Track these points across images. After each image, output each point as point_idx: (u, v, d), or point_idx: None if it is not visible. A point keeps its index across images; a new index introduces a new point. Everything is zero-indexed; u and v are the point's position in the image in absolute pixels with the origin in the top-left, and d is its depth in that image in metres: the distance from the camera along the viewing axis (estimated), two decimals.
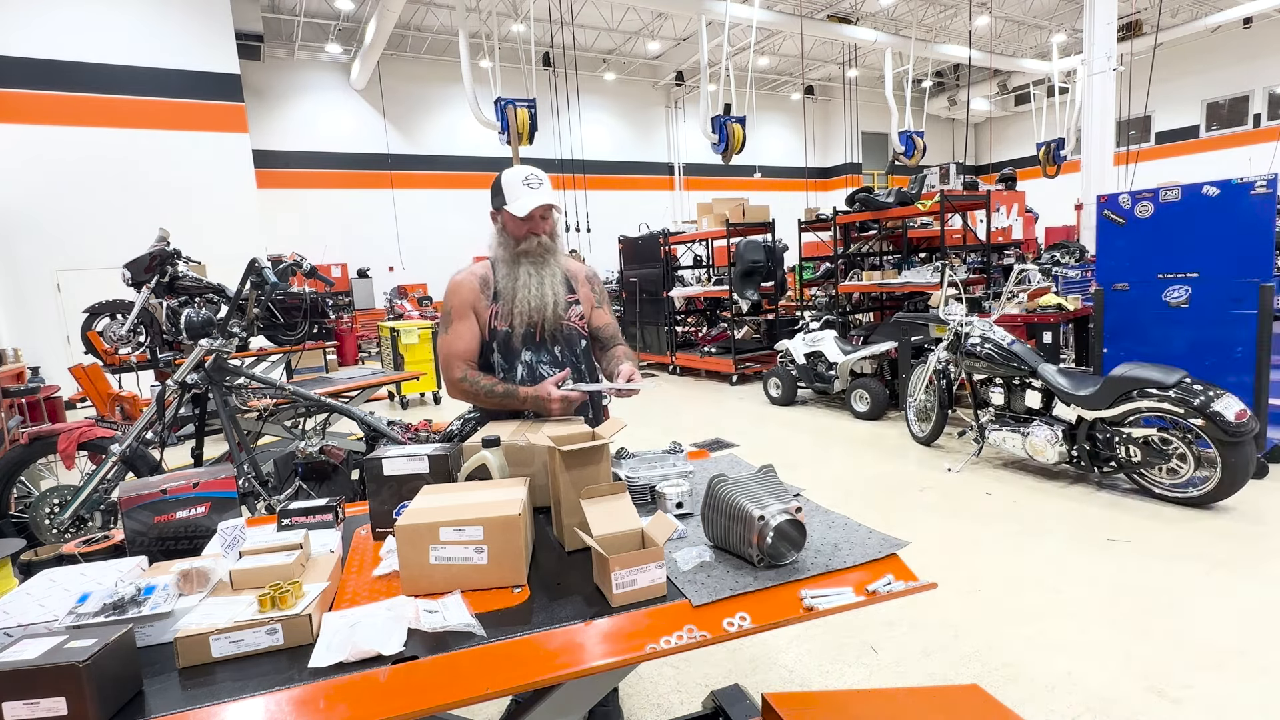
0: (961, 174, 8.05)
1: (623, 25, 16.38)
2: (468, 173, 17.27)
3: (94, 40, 9.97)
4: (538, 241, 2.00)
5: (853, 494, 4.41)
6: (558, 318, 2.02)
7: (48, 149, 9.68)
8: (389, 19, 12.43)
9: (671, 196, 20.12)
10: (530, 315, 1.98)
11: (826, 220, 8.29)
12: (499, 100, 9.86)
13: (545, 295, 1.98)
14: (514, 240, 2.01)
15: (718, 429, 6.32)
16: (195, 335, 3.28)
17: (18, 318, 9.65)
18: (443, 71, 16.52)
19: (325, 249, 14.87)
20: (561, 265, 2.07)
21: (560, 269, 2.06)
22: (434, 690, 0.99)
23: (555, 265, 2.04)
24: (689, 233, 9.88)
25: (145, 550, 1.48)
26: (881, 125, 19.36)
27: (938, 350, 5.12)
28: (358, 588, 1.33)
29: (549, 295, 1.99)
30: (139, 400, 5.89)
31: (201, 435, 3.26)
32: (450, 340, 2.02)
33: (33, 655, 0.96)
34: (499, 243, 2.05)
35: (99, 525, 3.07)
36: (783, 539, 1.27)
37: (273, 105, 15.04)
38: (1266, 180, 3.98)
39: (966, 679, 2.39)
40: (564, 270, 2.09)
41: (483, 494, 1.39)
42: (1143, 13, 15.79)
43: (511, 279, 2.00)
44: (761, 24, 13.07)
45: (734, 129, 11.23)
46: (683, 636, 1.10)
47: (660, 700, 2.38)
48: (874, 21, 16.14)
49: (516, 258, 2.00)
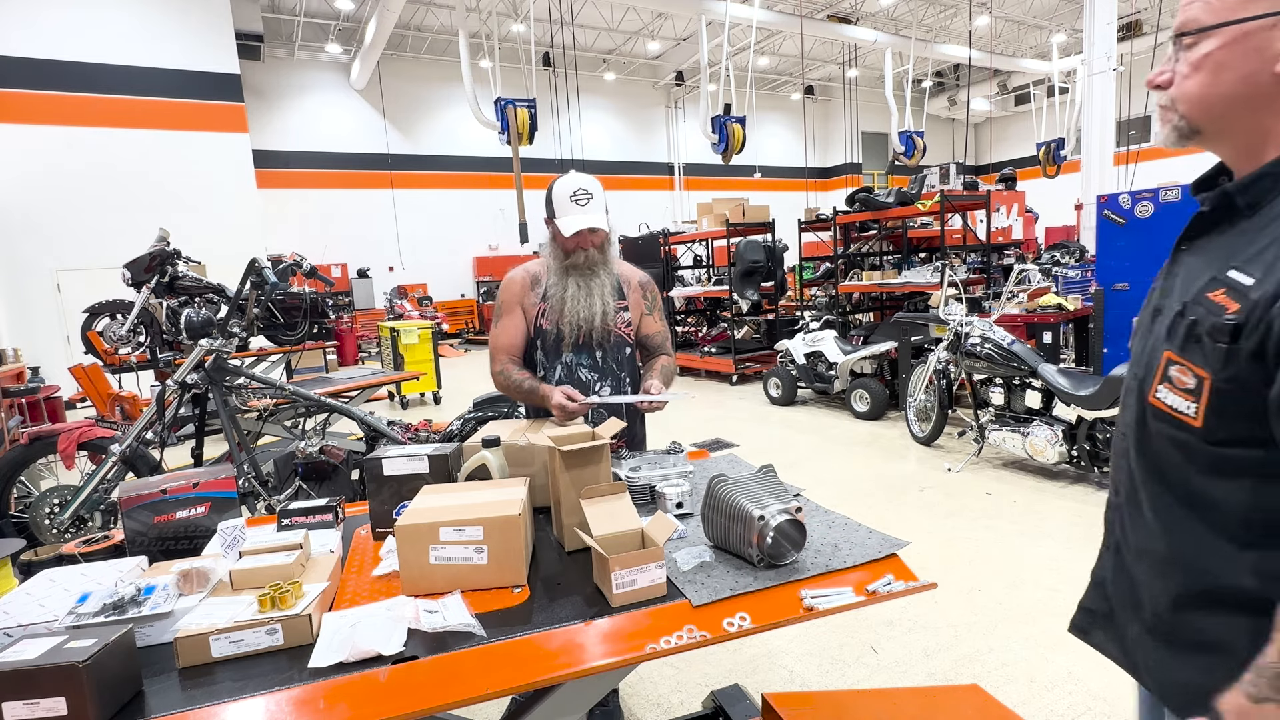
0: (961, 174, 8.05)
1: (623, 25, 16.39)
2: (468, 173, 17.29)
3: (94, 40, 9.97)
4: (585, 256, 2.00)
5: (853, 494, 4.41)
6: (607, 327, 2.02)
7: (48, 149, 9.68)
8: (389, 19, 12.43)
9: (671, 196, 20.13)
10: (578, 325, 1.99)
11: (826, 220, 8.29)
12: (499, 100, 9.86)
13: (594, 307, 1.99)
14: (563, 253, 2.01)
15: (718, 429, 6.32)
16: (195, 335, 3.29)
17: (18, 318, 9.64)
18: (443, 71, 16.53)
19: (325, 249, 14.88)
20: (613, 272, 2.07)
21: (612, 278, 2.05)
22: (434, 690, 0.99)
23: (605, 276, 2.03)
24: (689, 233, 9.88)
25: (145, 550, 1.48)
26: (881, 125, 19.37)
27: (938, 350, 5.13)
28: (358, 588, 1.33)
29: (597, 307, 1.99)
30: (139, 400, 5.89)
31: (201, 435, 3.26)
32: (497, 334, 2.08)
33: (33, 655, 0.96)
34: (550, 252, 2.06)
35: (99, 525, 3.07)
36: (783, 539, 1.27)
37: (273, 105, 15.05)
38: None
39: (966, 679, 2.39)
40: (617, 275, 2.10)
41: (483, 494, 1.39)
42: (1143, 13, 15.79)
43: (560, 289, 2.01)
44: (761, 24, 13.07)
45: (734, 129, 11.23)
46: (683, 636, 1.10)
47: (660, 700, 2.38)
48: (874, 21, 16.15)
49: (565, 270, 2.01)
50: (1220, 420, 0.78)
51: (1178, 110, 0.84)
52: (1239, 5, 0.76)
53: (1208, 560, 0.82)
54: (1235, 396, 0.77)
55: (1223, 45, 0.78)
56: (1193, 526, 0.84)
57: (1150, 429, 0.88)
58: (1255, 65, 0.76)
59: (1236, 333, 0.75)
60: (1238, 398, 0.76)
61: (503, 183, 16.74)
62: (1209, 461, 0.81)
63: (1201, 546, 0.83)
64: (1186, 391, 0.81)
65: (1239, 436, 0.78)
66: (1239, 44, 0.77)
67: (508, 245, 17.29)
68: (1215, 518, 0.81)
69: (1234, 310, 0.76)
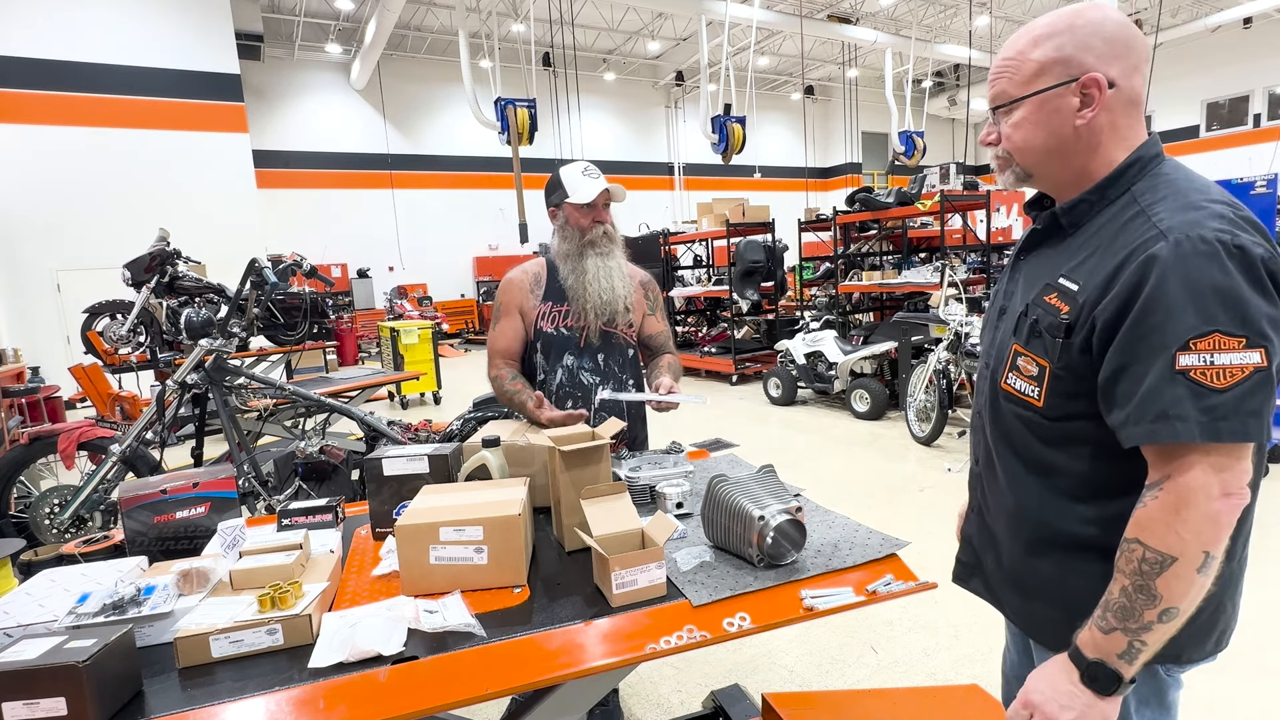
0: (961, 174, 8.04)
1: (623, 25, 16.38)
2: (468, 173, 17.28)
3: (94, 40, 9.96)
4: (604, 230, 1.96)
5: (853, 494, 4.41)
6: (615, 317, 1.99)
7: (48, 149, 9.67)
8: (389, 19, 12.43)
9: (671, 196, 20.13)
10: (602, 308, 1.94)
11: (826, 220, 8.29)
12: (499, 100, 9.86)
13: (616, 288, 1.95)
14: (579, 232, 1.96)
15: (718, 429, 6.32)
16: (195, 335, 3.28)
17: (18, 318, 9.64)
18: (443, 71, 16.52)
19: (325, 249, 14.88)
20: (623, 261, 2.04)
21: (623, 265, 2.02)
22: (434, 690, 0.99)
23: (620, 259, 2.00)
24: (689, 233, 9.87)
25: (145, 550, 1.48)
26: (881, 125, 19.36)
27: (938, 350, 5.12)
28: (358, 588, 1.33)
29: (619, 289, 1.96)
30: (139, 400, 5.89)
31: (201, 435, 3.26)
32: (494, 337, 2.04)
33: (33, 655, 0.96)
34: (562, 238, 2.00)
35: (99, 525, 3.07)
36: (783, 539, 1.27)
37: (273, 105, 15.04)
38: (1266, 180, 3.98)
39: (966, 679, 2.38)
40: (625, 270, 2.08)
41: (483, 494, 1.39)
42: (1143, 13, 15.77)
43: (580, 273, 1.96)
44: (761, 24, 13.06)
45: (734, 129, 11.22)
46: (683, 636, 1.10)
47: (660, 700, 2.38)
48: (874, 21, 16.14)
49: (583, 250, 1.96)
50: (1058, 400, 0.97)
51: (1014, 161, 1.03)
52: (1034, 79, 0.96)
53: (1050, 514, 1.01)
54: (1069, 381, 0.95)
55: (1030, 111, 0.98)
56: (1037, 487, 1.03)
57: (1001, 408, 1.07)
58: (1058, 122, 0.96)
59: (1069, 330, 0.93)
60: (1071, 382, 0.95)
61: (503, 183, 16.73)
62: (1049, 434, 1.00)
63: (1044, 503, 1.02)
64: (1031, 378, 1.00)
65: (1073, 413, 0.96)
66: (1042, 108, 0.97)
67: (508, 245, 17.28)
68: (1056, 480, 1.00)
69: (1066, 311, 0.94)
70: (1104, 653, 0.88)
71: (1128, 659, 0.86)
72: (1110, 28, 0.93)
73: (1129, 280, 0.87)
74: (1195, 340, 0.82)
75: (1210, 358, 0.81)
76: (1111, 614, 0.88)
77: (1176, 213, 0.88)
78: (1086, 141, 0.96)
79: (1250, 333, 0.81)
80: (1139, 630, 0.85)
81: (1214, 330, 0.81)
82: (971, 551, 1.21)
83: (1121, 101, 0.94)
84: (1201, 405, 0.81)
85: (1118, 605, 0.87)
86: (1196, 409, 0.82)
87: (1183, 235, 0.85)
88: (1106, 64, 0.93)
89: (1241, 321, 0.81)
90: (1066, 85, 0.94)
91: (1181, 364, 0.82)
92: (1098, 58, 0.93)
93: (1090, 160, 0.97)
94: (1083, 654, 0.90)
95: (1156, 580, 0.84)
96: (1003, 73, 1.00)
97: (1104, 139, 0.96)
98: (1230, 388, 0.81)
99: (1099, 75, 0.92)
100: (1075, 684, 0.90)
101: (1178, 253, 0.84)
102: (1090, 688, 0.89)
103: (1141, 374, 0.85)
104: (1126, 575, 0.87)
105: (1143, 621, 0.85)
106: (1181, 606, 0.84)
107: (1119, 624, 0.87)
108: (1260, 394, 0.82)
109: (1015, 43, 0.99)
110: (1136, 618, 0.85)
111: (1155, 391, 0.84)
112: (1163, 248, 0.85)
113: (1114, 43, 0.93)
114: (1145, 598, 0.85)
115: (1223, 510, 0.83)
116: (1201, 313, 0.82)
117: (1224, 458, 0.83)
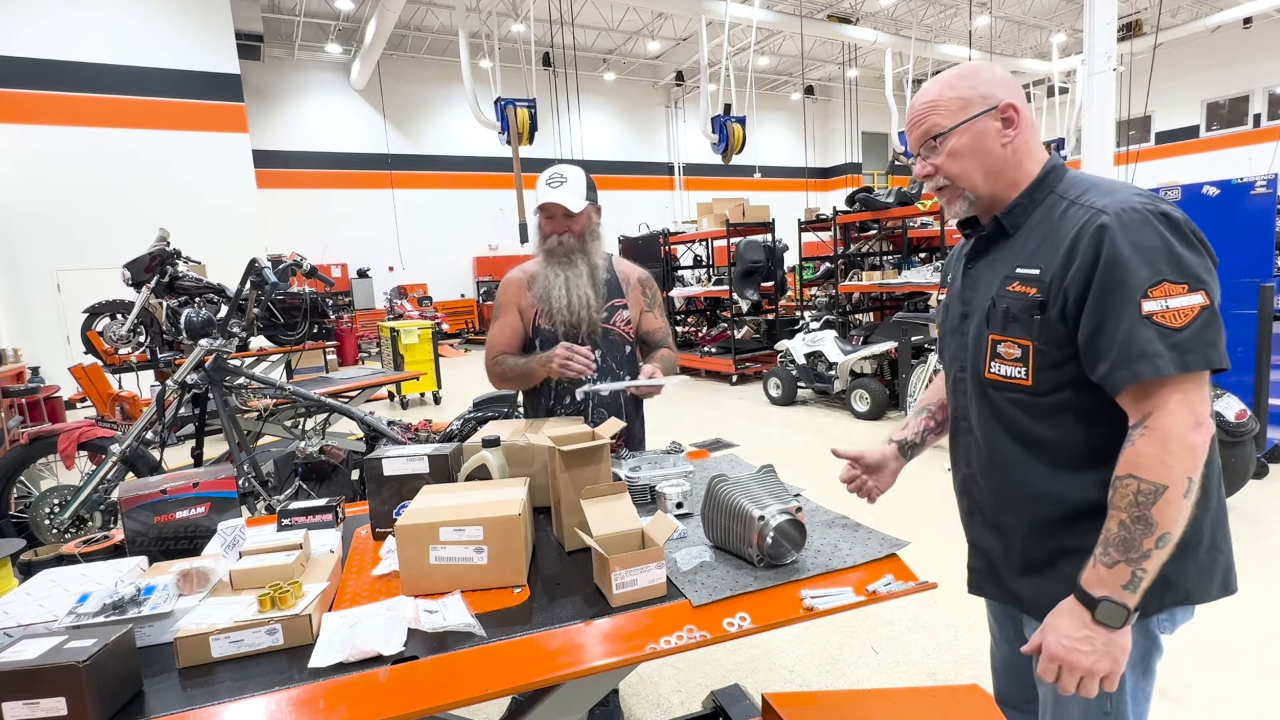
0: None
1: (623, 25, 16.38)
2: (468, 173, 17.28)
3: (94, 40, 9.96)
4: (558, 241, 2.00)
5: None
6: (594, 320, 2.01)
7: (48, 149, 9.67)
8: (389, 19, 12.42)
9: (671, 196, 20.13)
10: (563, 314, 1.98)
11: (826, 220, 8.28)
12: (499, 100, 9.84)
13: (573, 296, 1.97)
14: (543, 239, 2.03)
15: (718, 429, 6.31)
16: (195, 335, 3.28)
17: (18, 318, 9.64)
18: (443, 71, 16.52)
19: (325, 249, 14.88)
20: (600, 266, 2.05)
21: (594, 269, 2.03)
22: (434, 690, 0.99)
23: (583, 266, 2.01)
24: (689, 233, 9.87)
25: (145, 550, 1.48)
26: (881, 125, 19.34)
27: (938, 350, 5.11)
28: (358, 588, 1.33)
29: (576, 296, 1.97)
30: (139, 400, 5.89)
31: (201, 435, 3.26)
32: (494, 334, 2.10)
33: (33, 655, 0.95)
34: (536, 242, 2.08)
35: (99, 525, 3.07)
36: (783, 539, 1.27)
37: (273, 105, 15.04)
38: (1266, 180, 3.98)
39: (966, 679, 2.38)
40: (617, 272, 2.11)
41: (483, 494, 1.39)
42: (1143, 13, 15.79)
43: (547, 279, 2.01)
44: (761, 24, 13.05)
45: (734, 129, 11.21)
46: (683, 636, 1.10)
47: (660, 700, 2.38)
48: (874, 21, 16.14)
49: (546, 257, 2.02)
50: (1045, 374, 1.08)
51: (961, 187, 1.15)
52: (962, 110, 1.11)
53: (1051, 485, 1.10)
54: (1053, 353, 1.06)
55: (964, 138, 1.11)
56: (1036, 464, 1.11)
57: (991, 398, 1.15)
58: (990, 143, 1.11)
59: (1043, 306, 1.06)
60: (1055, 352, 1.06)
61: (503, 183, 16.73)
62: (1041, 409, 1.09)
63: (1044, 477, 1.11)
64: (1015, 360, 1.10)
65: (1061, 383, 1.07)
66: (972, 134, 1.11)
67: (508, 245, 17.28)
68: (1054, 454, 1.10)
69: (1034, 293, 1.07)
70: (1109, 587, 0.97)
71: (1132, 588, 0.96)
72: (1000, 73, 1.14)
73: (1088, 249, 1.01)
74: (1151, 289, 0.96)
75: (1165, 303, 0.96)
76: (1113, 548, 0.97)
77: (1104, 196, 1.04)
78: (1013, 158, 1.12)
79: (1189, 279, 0.96)
80: (1140, 559, 0.95)
81: (1162, 279, 0.96)
82: (980, 554, 1.26)
83: (1026, 125, 1.12)
84: (1168, 343, 0.95)
85: (1118, 539, 0.96)
86: (1165, 346, 0.95)
87: (1118, 209, 1.00)
88: (1012, 95, 1.11)
89: (1180, 270, 0.96)
90: (989, 112, 1.10)
91: (1145, 309, 0.96)
92: (1005, 91, 1.11)
93: (1017, 173, 1.14)
94: (1089, 594, 0.98)
95: (1152, 509, 0.94)
96: (928, 113, 1.14)
97: (1023, 155, 1.13)
98: (1186, 325, 0.95)
99: (1013, 102, 1.10)
100: (1089, 626, 0.98)
101: (1119, 221, 0.99)
102: (1103, 624, 0.97)
103: (1115, 325, 0.98)
104: (1123, 510, 0.96)
105: (1142, 550, 0.95)
106: (1173, 531, 0.95)
107: (1121, 556, 0.96)
108: (1211, 328, 0.96)
109: (929, 91, 1.14)
110: (1137, 547, 0.95)
111: (1131, 337, 0.96)
112: (1107, 219, 1.00)
113: (1009, 83, 1.13)
114: (1143, 527, 0.94)
115: (1198, 441, 0.95)
116: (1150, 266, 0.97)
117: (1192, 387, 0.96)
